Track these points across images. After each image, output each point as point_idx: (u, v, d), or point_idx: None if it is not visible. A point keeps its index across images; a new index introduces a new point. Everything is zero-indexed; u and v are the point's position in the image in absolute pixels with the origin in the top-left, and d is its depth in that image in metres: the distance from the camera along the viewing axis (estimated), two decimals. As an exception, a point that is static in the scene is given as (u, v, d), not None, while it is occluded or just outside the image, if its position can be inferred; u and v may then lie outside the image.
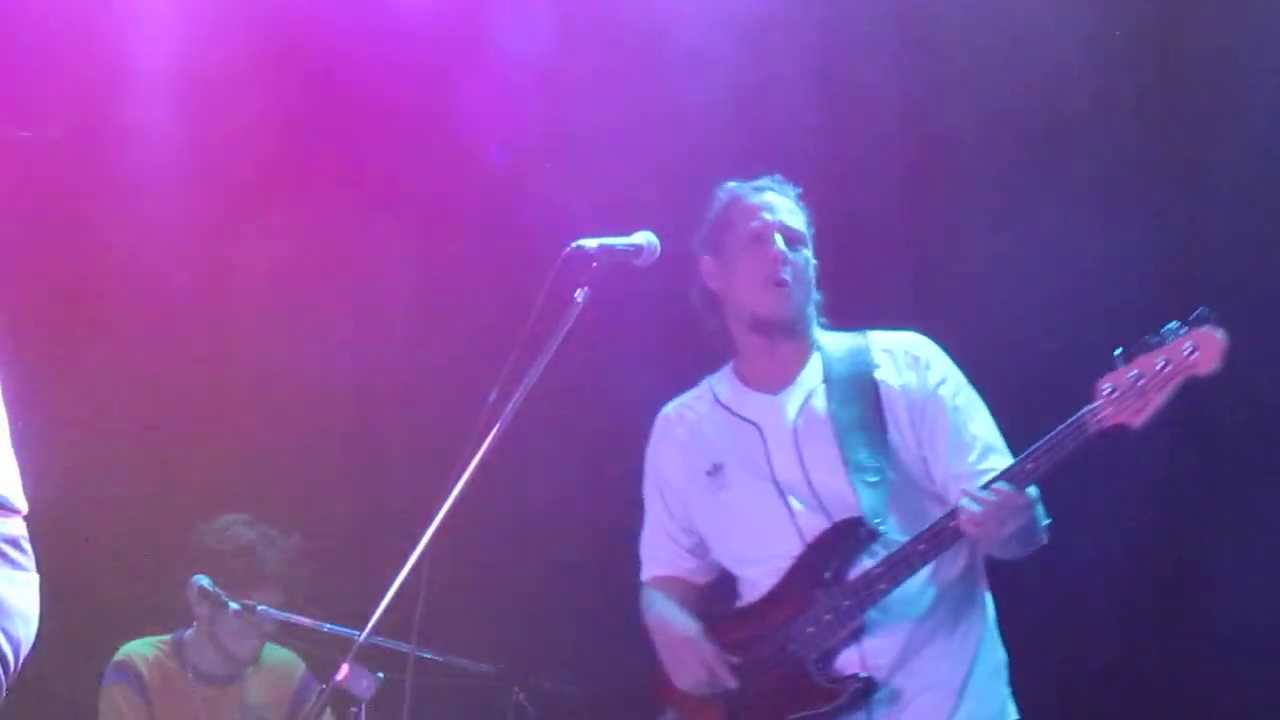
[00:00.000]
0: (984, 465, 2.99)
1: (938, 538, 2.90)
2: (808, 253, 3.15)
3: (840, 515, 3.01)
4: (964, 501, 2.85)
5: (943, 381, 3.10)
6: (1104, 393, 2.79)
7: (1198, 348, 2.73)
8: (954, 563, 3.03)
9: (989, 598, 3.12)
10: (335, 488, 4.77)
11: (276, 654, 4.29)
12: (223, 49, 4.31)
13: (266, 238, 4.43)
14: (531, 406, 2.81)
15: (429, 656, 3.61)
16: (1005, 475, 2.86)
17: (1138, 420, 2.77)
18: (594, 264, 2.90)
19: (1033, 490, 2.88)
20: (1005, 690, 3.08)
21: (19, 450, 2.06)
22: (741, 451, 3.13)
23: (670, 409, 3.30)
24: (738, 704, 3.07)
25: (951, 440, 3.04)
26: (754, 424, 3.13)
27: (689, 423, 3.24)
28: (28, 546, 2.02)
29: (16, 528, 2.01)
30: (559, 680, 3.84)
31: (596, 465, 3.52)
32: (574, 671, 3.98)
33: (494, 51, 4.41)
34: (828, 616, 2.97)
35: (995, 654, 3.09)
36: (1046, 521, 2.96)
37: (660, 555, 3.28)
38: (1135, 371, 2.76)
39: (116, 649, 4.18)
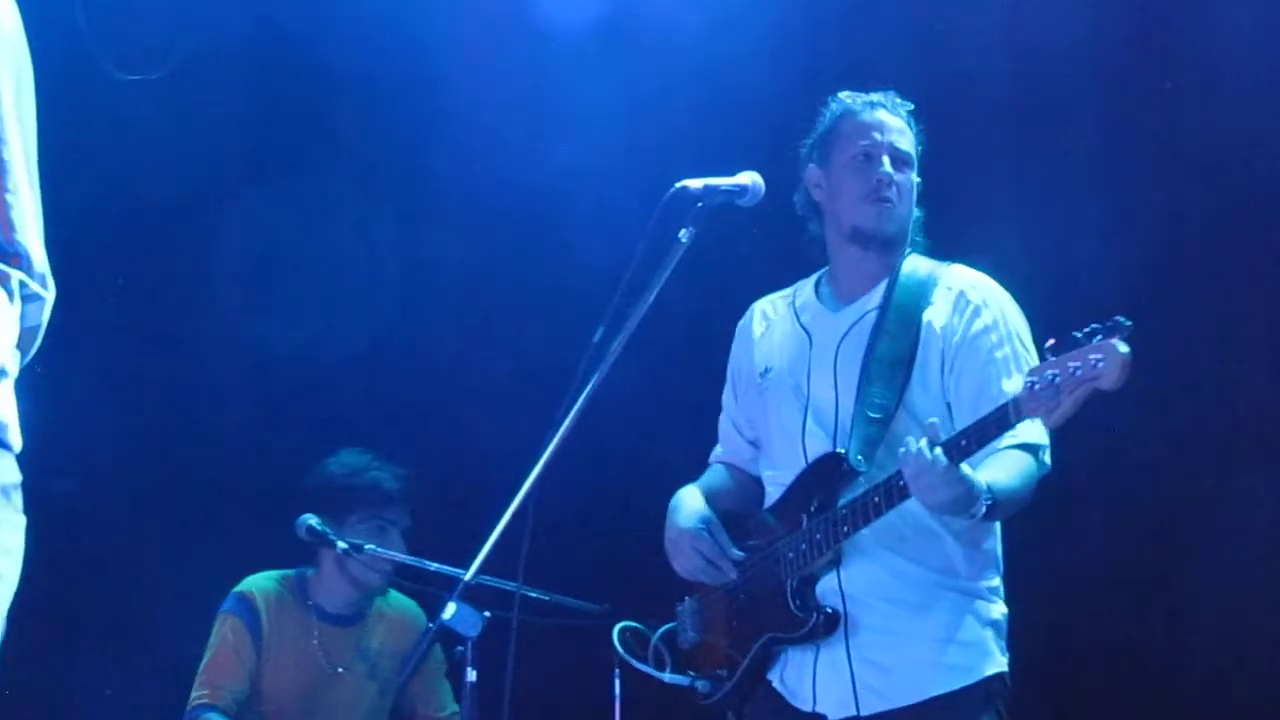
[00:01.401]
0: None
1: (889, 491, 2.90)
2: (913, 174, 3.20)
3: (836, 446, 3.08)
4: (907, 448, 2.82)
5: (987, 330, 3.09)
6: (1027, 384, 2.73)
7: (1103, 359, 2.59)
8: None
9: (998, 553, 3.12)
10: (442, 427, 4.87)
11: (401, 602, 4.35)
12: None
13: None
14: (638, 345, 2.84)
15: (535, 595, 3.67)
16: (942, 445, 2.82)
17: (1050, 420, 2.70)
18: (698, 203, 2.95)
19: (966, 468, 2.82)
20: (992, 636, 3.06)
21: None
22: (790, 360, 3.23)
23: (760, 302, 3.41)
24: (734, 608, 3.20)
25: (977, 393, 3.03)
26: (808, 334, 3.23)
27: (767, 320, 3.34)
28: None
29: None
30: (665, 620, 3.86)
31: (705, 404, 3.54)
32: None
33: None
34: (803, 545, 3.05)
35: (989, 604, 3.08)
36: (987, 502, 2.85)
37: (728, 441, 3.43)
38: (1052, 372, 2.67)
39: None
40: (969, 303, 3.13)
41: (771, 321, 3.32)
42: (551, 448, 2.82)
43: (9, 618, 2.06)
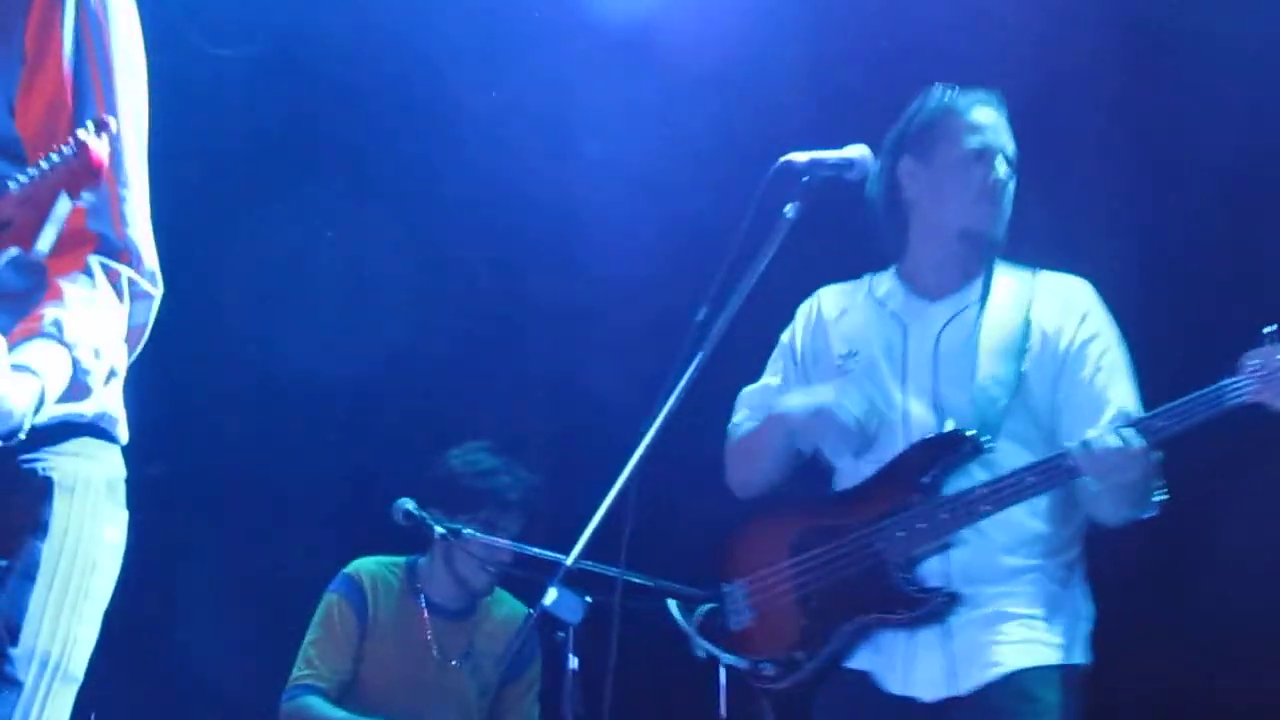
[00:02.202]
0: None
1: (1051, 472, 2.94)
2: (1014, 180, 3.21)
3: (953, 425, 3.06)
4: (1086, 437, 2.88)
5: (1093, 337, 3.12)
6: (1249, 368, 2.75)
7: None
8: (1066, 510, 3.06)
9: (1082, 556, 3.13)
10: (544, 408, 4.86)
11: (510, 605, 4.36)
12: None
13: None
14: (742, 324, 2.81)
15: (638, 581, 3.65)
16: (1134, 423, 2.90)
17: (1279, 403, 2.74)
18: (804, 178, 2.92)
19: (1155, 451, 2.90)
20: (1083, 630, 3.09)
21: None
22: (881, 344, 3.19)
23: (825, 290, 3.38)
24: (812, 589, 3.14)
25: (1087, 398, 3.06)
26: (900, 321, 3.20)
27: (839, 307, 3.31)
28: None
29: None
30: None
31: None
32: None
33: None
34: (921, 525, 3.01)
35: (1085, 602, 3.12)
36: (1161, 495, 2.95)
37: (759, 411, 3.34)
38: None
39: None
40: (1073, 306, 3.16)
41: (848, 308, 3.30)
42: (654, 429, 2.80)
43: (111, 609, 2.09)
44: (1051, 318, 3.14)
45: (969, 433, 3.02)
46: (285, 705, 4.14)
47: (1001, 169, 3.15)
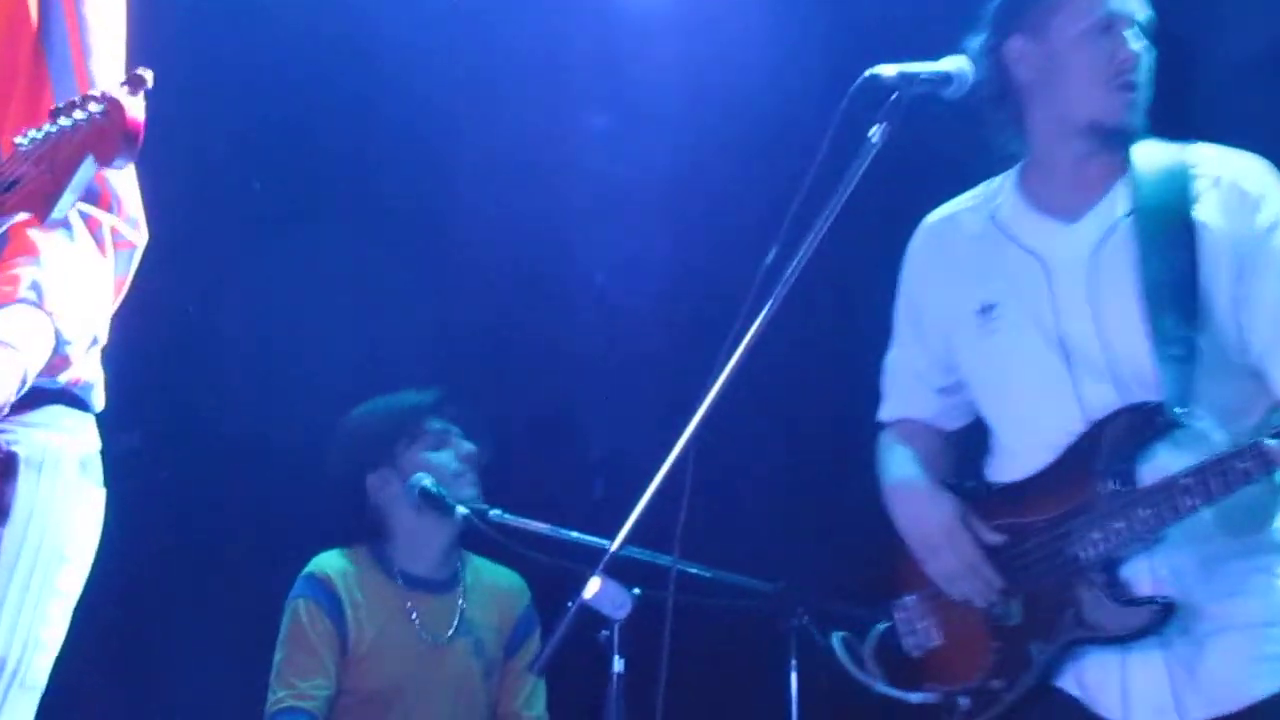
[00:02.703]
0: None
1: (1266, 456, 2.70)
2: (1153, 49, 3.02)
3: (1136, 394, 2.88)
4: None
5: (1275, 227, 2.91)
6: None
7: None
8: None
9: None
10: (582, 376, 4.89)
11: (498, 573, 4.40)
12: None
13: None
14: (821, 267, 2.74)
15: (694, 572, 3.66)
16: None
17: None
18: (893, 95, 2.81)
19: None
20: None
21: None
22: (1020, 292, 3.03)
23: (936, 219, 3.23)
24: (1005, 604, 3.01)
25: (1276, 305, 2.88)
26: (1038, 258, 3.02)
27: (958, 242, 3.16)
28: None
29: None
30: (850, 602, 3.82)
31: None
32: (865, 592, 3.96)
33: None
34: (1118, 524, 2.86)
35: None
36: None
37: (906, 393, 3.26)
38: None
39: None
40: (1245, 194, 2.94)
41: (963, 242, 3.13)
42: (713, 395, 2.73)
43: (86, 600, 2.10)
44: (1220, 214, 2.92)
45: (1158, 404, 2.84)
46: None
47: (1135, 42, 2.97)
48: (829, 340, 4.38)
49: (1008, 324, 3.04)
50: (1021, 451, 3.05)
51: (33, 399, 2.07)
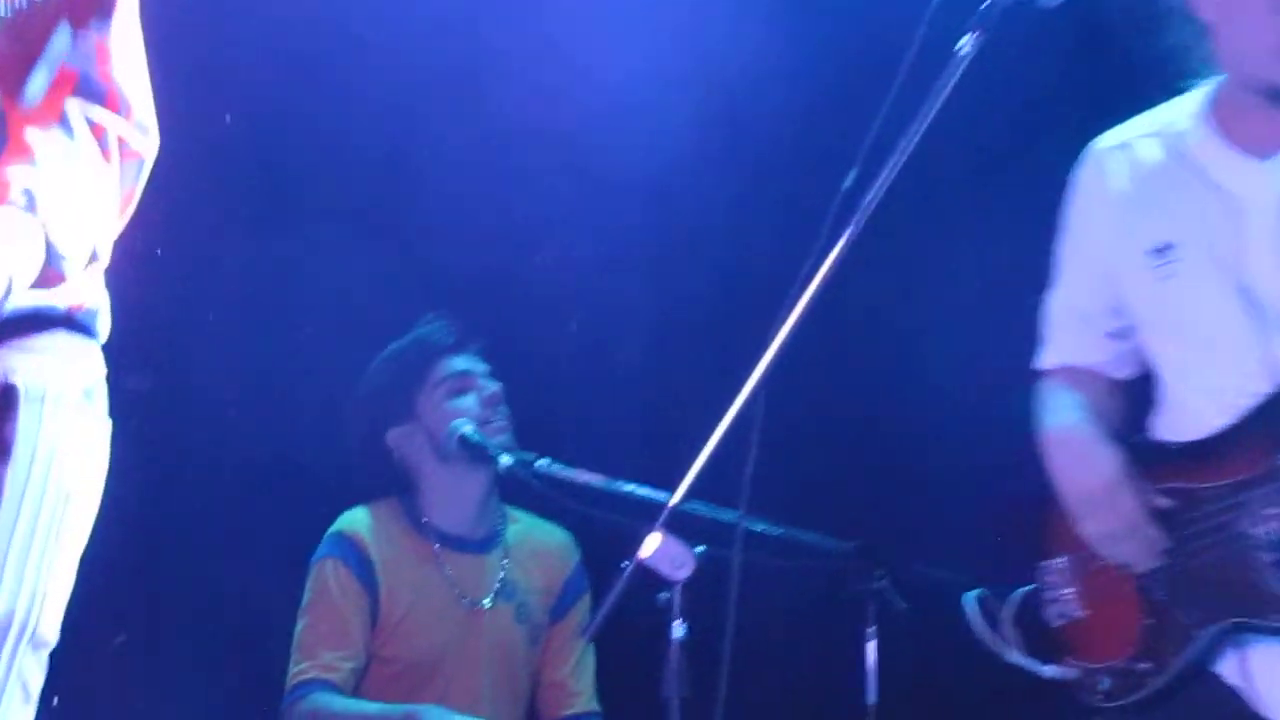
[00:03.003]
0: None
1: None
2: None
3: None
4: None
5: None
6: None
7: None
8: None
9: None
10: (639, 311, 4.91)
11: (544, 530, 4.39)
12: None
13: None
14: (902, 195, 2.71)
15: (762, 529, 3.65)
16: None
17: None
18: (984, 3, 2.74)
19: None
20: None
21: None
22: (1205, 232, 2.93)
23: (1108, 144, 3.12)
24: (1159, 577, 2.96)
25: None
26: (1230, 195, 2.93)
27: (1133, 172, 3.06)
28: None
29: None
30: (934, 563, 3.82)
31: (991, 275, 3.44)
32: (949, 552, 3.96)
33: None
34: None
35: None
36: None
37: (1069, 339, 3.19)
38: None
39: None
40: None
41: (1140, 171, 3.05)
42: (784, 333, 2.72)
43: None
44: None
45: None
46: (288, 711, 4.10)
47: None
48: (916, 275, 4.38)
49: (1186, 266, 2.95)
50: (1195, 409, 2.97)
51: (32, 324, 2.08)
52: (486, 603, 4.25)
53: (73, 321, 2.13)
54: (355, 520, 4.26)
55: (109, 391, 2.22)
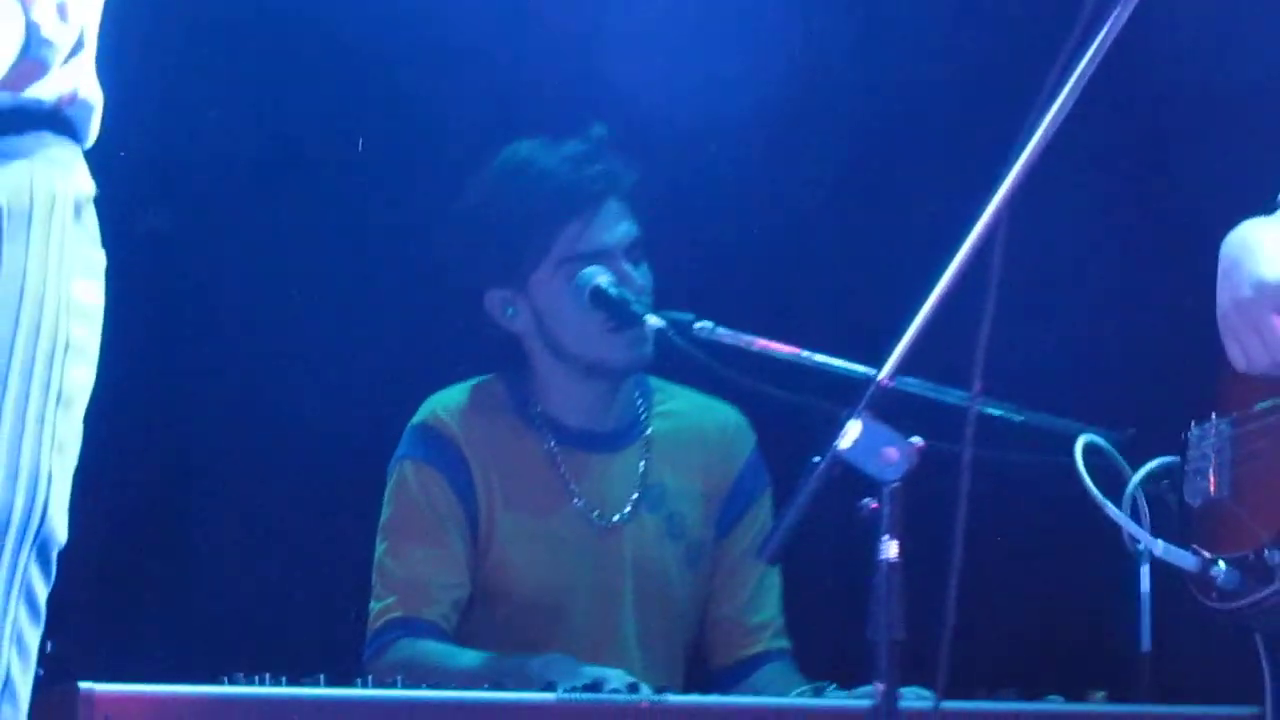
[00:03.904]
0: None
1: None
2: None
3: None
4: None
5: None
6: None
7: None
8: None
9: None
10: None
11: (704, 410, 4.37)
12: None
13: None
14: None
15: (999, 414, 3.64)
16: None
17: None
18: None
19: None
20: None
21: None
22: None
23: None
24: None
25: None
26: None
27: None
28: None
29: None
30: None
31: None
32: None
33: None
34: None
35: None
36: None
37: None
38: None
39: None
40: None
41: None
42: (1020, 166, 2.82)
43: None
44: None
45: None
46: (373, 661, 4.11)
47: None
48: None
49: None
50: None
51: (14, 123, 2.15)
52: (622, 517, 4.27)
53: (60, 120, 2.18)
54: (445, 408, 4.27)
55: (120, 229, 2.25)
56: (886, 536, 3.02)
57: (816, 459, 2.97)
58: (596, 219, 4.24)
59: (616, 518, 4.27)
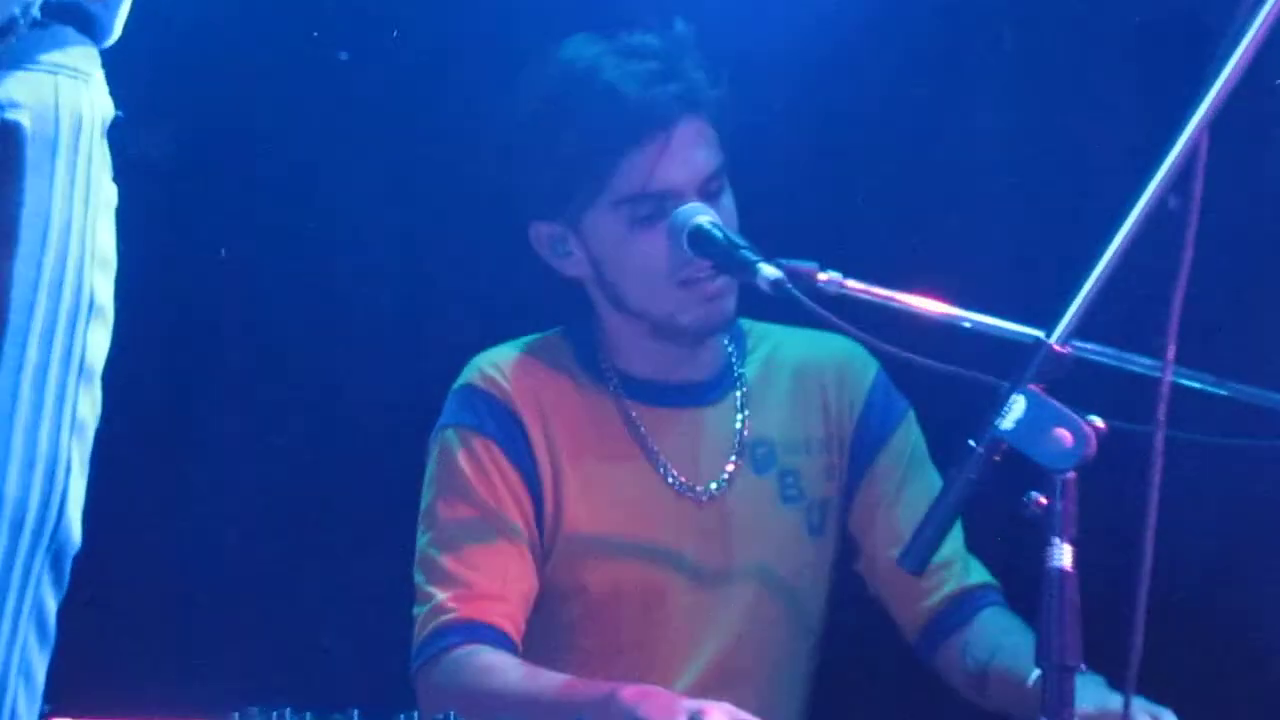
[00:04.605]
0: None
1: None
2: None
3: None
4: None
5: None
6: None
7: None
8: None
9: None
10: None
11: (811, 343, 4.35)
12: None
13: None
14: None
15: (1201, 388, 3.64)
16: None
17: None
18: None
19: None
20: None
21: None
22: None
23: None
24: None
25: None
26: None
27: None
28: None
29: None
30: None
31: None
32: None
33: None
34: None
35: None
36: None
37: None
38: None
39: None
40: None
41: None
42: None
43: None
44: None
45: None
46: (424, 675, 4.09)
47: None
48: None
49: None
50: None
51: (35, 35, 2.19)
52: (720, 484, 4.26)
53: (82, 14, 2.19)
54: (493, 363, 4.26)
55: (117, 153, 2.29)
56: (1058, 539, 3.07)
57: (973, 443, 3.02)
58: (668, 150, 4.18)
59: (715, 485, 4.26)
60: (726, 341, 4.35)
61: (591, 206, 4.20)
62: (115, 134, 2.32)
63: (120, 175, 2.36)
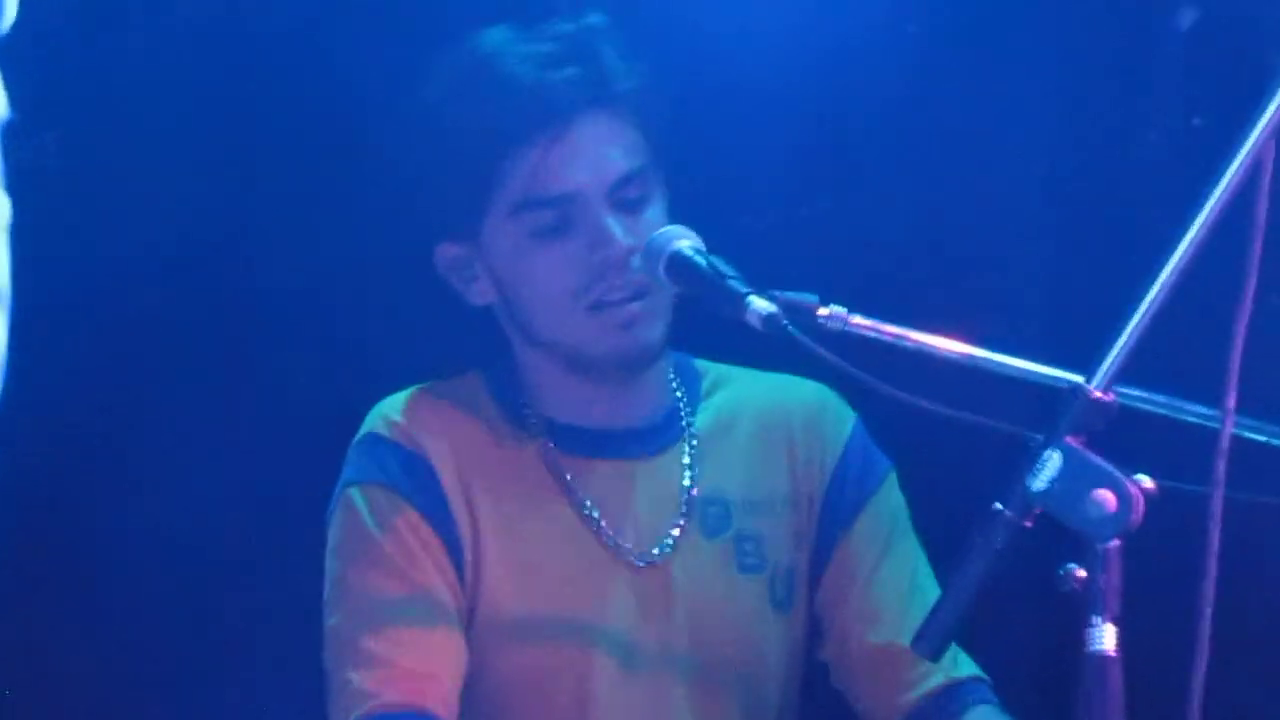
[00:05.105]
0: None
1: None
2: None
3: None
4: None
5: None
6: None
7: None
8: None
9: None
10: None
11: (772, 389, 4.35)
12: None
13: None
14: None
15: (1263, 440, 3.67)
16: None
17: None
18: None
19: None
20: None
21: None
22: None
23: None
24: None
25: None
26: None
27: None
28: None
29: None
30: None
31: None
32: None
33: None
34: None
35: None
36: None
37: None
38: None
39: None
40: None
41: None
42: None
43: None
44: None
45: None
46: None
47: None
48: None
49: None
50: None
51: None
52: (663, 548, 4.24)
53: None
54: (401, 411, 4.23)
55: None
56: (1099, 619, 3.09)
57: (999, 506, 3.01)
58: (565, 146, 4.16)
59: (656, 551, 4.24)
60: (675, 384, 4.34)
61: (487, 215, 4.17)
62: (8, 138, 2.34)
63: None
